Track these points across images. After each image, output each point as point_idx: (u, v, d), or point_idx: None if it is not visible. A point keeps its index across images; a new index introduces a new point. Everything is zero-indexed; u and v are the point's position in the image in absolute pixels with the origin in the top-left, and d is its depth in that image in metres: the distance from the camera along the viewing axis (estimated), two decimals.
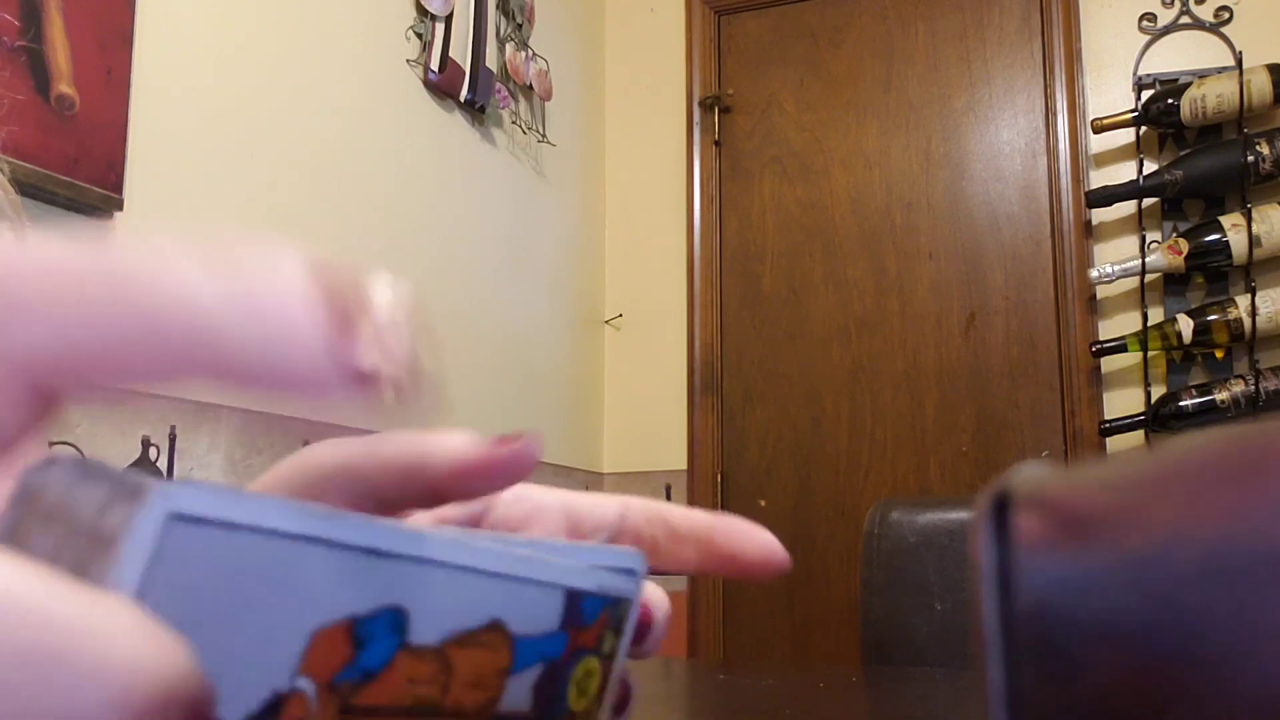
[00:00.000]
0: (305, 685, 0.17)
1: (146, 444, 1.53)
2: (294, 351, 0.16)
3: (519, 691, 0.21)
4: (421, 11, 2.23)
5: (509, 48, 2.52)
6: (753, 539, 0.27)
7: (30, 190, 1.39)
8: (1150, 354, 2.41)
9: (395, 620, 0.18)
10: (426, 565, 0.18)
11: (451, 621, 0.19)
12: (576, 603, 0.22)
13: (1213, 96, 2.36)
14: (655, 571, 0.26)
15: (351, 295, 0.17)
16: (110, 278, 0.16)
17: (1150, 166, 2.46)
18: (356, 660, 0.18)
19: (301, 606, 0.16)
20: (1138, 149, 2.48)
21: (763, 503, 2.75)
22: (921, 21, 2.79)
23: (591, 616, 0.22)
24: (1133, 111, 2.45)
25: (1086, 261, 2.53)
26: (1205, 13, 2.52)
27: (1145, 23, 2.56)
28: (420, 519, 0.25)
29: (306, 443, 0.24)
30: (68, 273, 0.16)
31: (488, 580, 0.20)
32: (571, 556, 0.22)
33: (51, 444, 0.20)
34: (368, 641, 0.18)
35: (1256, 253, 2.30)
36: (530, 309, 2.59)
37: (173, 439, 1.56)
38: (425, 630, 0.19)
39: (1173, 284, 2.46)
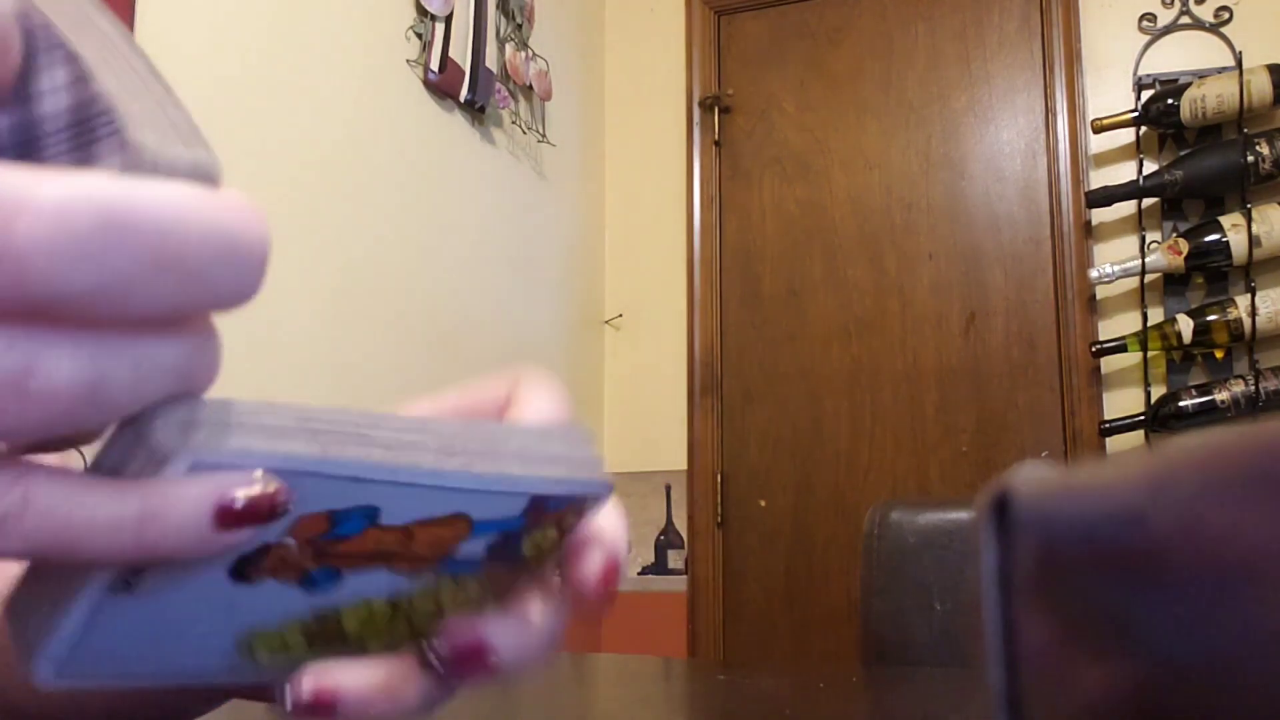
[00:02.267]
0: (289, 540, 0.22)
1: None
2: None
3: (475, 547, 0.25)
4: (421, 12, 2.23)
5: (509, 48, 2.52)
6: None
7: None
8: (1150, 354, 2.41)
9: (368, 512, 0.23)
10: (402, 486, 0.23)
11: (419, 514, 0.24)
12: (541, 502, 0.25)
13: (1213, 96, 2.36)
14: None
15: None
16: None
17: (1150, 166, 2.46)
18: (332, 531, 0.23)
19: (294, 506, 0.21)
20: (1138, 149, 2.48)
21: (763, 503, 2.75)
22: (921, 21, 2.79)
23: (555, 508, 0.26)
24: (1133, 111, 2.45)
25: (1086, 262, 2.53)
26: (1205, 13, 2.52)
27: (1145, 23, 2.56)
28: (419, 409, 0.30)
29: None
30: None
31: (455, 493, 0.24)
32: (535, 465, 0.25)
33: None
34: (343, 522, 0.23)
35: (1256, 253, 2.30)
36: (530, 309, 2.59)
37: None
38: (394, 517, 0.23)
39: (1173, 284, 2.46)
